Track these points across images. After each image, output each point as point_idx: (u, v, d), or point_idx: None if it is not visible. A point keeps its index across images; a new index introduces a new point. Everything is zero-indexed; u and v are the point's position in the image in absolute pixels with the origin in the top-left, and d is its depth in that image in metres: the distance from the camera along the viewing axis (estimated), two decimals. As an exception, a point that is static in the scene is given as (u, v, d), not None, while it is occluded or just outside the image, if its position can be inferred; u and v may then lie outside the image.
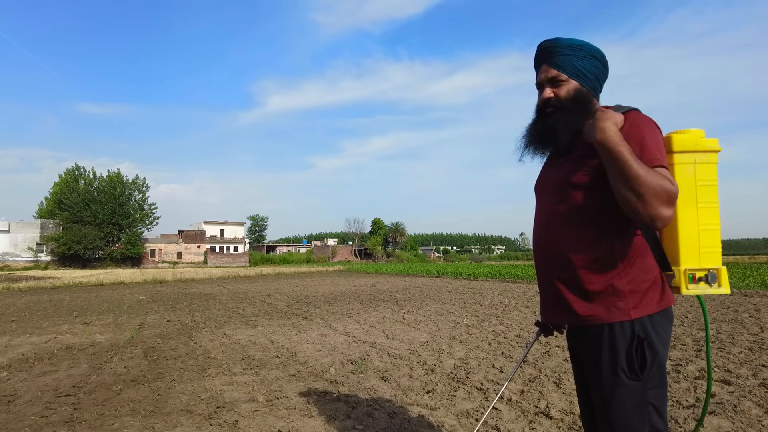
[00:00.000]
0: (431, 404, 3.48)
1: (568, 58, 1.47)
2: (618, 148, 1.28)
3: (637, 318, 1.36)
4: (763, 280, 13.80)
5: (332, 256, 73.65)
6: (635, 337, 1.35)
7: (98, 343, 6.19)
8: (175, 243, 64.56)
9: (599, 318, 1.39)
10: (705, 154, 1.46)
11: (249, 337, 6.43)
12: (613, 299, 1.38)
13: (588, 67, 1.48)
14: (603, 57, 1.51)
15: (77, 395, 3.85)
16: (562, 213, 1.47)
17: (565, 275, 1.46)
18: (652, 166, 1.31)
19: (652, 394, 1.35)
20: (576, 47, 1.48)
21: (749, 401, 3.37)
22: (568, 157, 1.50)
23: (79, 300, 12.66)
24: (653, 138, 1.37)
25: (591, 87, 1.50)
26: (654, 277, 1.41)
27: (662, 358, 1.37)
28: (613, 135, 1.29)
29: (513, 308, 9.37)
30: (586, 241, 1.42)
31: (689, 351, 5.02)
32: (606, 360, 1.38)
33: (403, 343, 5.85)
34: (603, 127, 1.31)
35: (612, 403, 1.37)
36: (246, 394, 3.82)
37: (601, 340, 1.39)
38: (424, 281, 20.07)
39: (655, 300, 1.39)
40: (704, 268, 1.43)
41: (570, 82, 1.48)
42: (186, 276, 25.99)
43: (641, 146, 1.33)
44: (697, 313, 7.96)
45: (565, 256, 1.45)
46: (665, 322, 1.40)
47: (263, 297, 12.93)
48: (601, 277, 1.39)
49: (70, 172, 57.82)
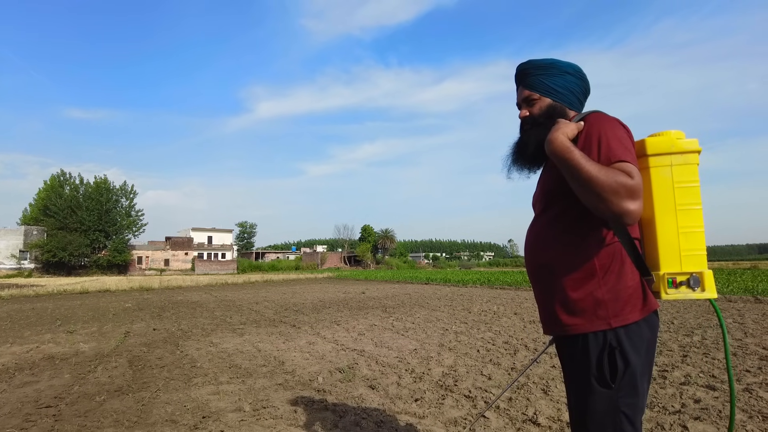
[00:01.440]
0: (419, 412, 3.47)
1: (538, 78, 1.56)
2: (566, 155, 1.30)
3: (616, 327, 1.36)
4: (747, 285, 14.00)
5: (321, 263, 73.34)
6: (607, 346, 1.36)
7: (82, 352, 6.08)
8: (163, 250, 63.85)
9: (581, 327, 1.40)
10: (682, 155, 1.43)
11: (236, 346, 6.37)
12: (594, 308, 1.38)
13: (560, 83, 1.55)
14: (577, 71, 1.57)
15: (59, 406, 3.77)
16: (543, 224, 1.52)
17: (549, 285, 1.48)
18: (612, 162, 1.31)
19: (624, 402, 1.34)
20: (547, 66, 1.56)
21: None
22: (546, 168, 1.56)
23: (63, 308, 12.45)
24: (612, 134, 1.37)
25: (565, 101, 1.55)
26: (635, 284, 1.40)
27: (635, 367, 1.36)
28: (560, 143, 1.32)
29: (502, 315, 9.39)
30: (564, 250, 1.44)
31: (675, 357, 5.07)
32: (579, 368, 1.40)
33: (392, 350, 5.83)
34: (550, 138, 1.35)
35: (584, 410, 1.38)
36: (232, 403, 3.78)
37: (576, 348, 1.41)
38: (414, 288, 20.06)
39: (638, 307, 1.39)
40: (686, 271, 1.40)
41: (543, 100, 1.56)
42: (173, 283, 25.72)
43: (599, 146, 1.35)
44: (683, 318, 8.04)
45: (548, 266, 1.48)
46: (645, 330, 1.39)
47: (251, 305, 12.83)
48: (581, 286, 1.40)
49: (56, 178, 57.00)
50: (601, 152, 1.33)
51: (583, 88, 1.58)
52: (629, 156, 1.33)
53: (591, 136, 1.38)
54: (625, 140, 1.38)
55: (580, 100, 1.59)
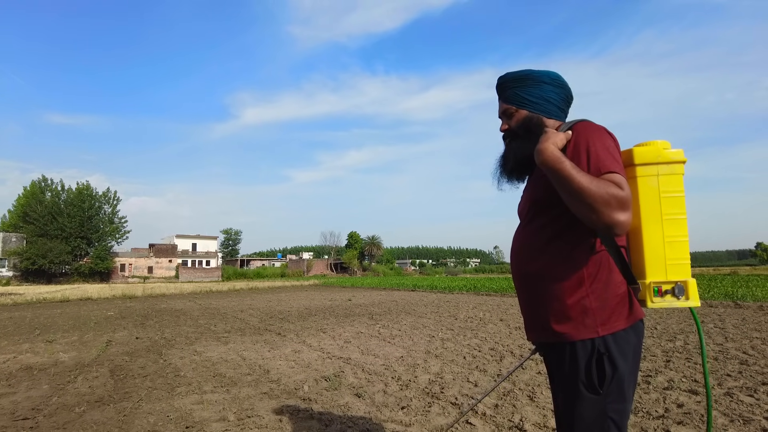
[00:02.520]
0: (405, 420, 3.45)
1: (513, 91, 1.59)
2: (557, 165, 1.30)
3: (604, 335, 1.36)
4: (727, 291, 14.26)
5: (307, 270, 72.91)
6: (595, 352, 1.36)
7: (61, 362, 5.95)
8: (146, 257, 62.93)
9: (569, 335, 1.40)
10: (668, 166, 1.44)
11: (220, 354, 6.28)
12: (581, 316, 1.39)
13: (535, 94, 1.56)
14: (554, 79, 1.57)
15: (36, 418, 3.68)
16: (531, 232, 1.52)
17: (537, 294, 1.49)
18: (601, 173, 1.31)
19: (611, 408, 1.35)
20: (521, 78, 1.58)
21: (715, 410, 3.45)
22: (532, 178, 1.57)
23: (42, 317, 12.17)
24: (601, 144, 1.37)
25: (543, 111, 1.56)
26: (622, 292, 1.41)
27: (623, 373, 1.37)
28: (550, 154, 1.32)
29: (488, 321, 9.42)
30: (552, 260, 1.44)
31: (659, 362, 5.13)
32: (567, 374, 1.41)
33: (378, 358, 5.81)
34: (540, 149, 1.35)
35: (572, 416, 1.39)
36: (216, 413, 3.72)
37: (565, 354, 1.41)
38: (400, 295, 20.04)
39: (624, 315, 1.40)
40: (671, 280, 1.41)
41: (519, 112, 1.58)
42: (157, 291, 25.35)
43: (588, 156, 1.36)
44: (665, 324, 8.15)
45: (536, 275, 1.48)
46: (632, 336, 1.41)
47: (236, 312, 12.69)
48: (569, 294, 1.40)
49: (36, 184, 55.93)
50: (591, 162, 1.34)
51: (563, 96, 1.59)
52: (618, 166, 1.34)
53: (579, 145, 1.38)
54: (613, 150, 1.38)
55: (561, 107, 1.59)
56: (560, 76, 1.59)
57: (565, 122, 1.54)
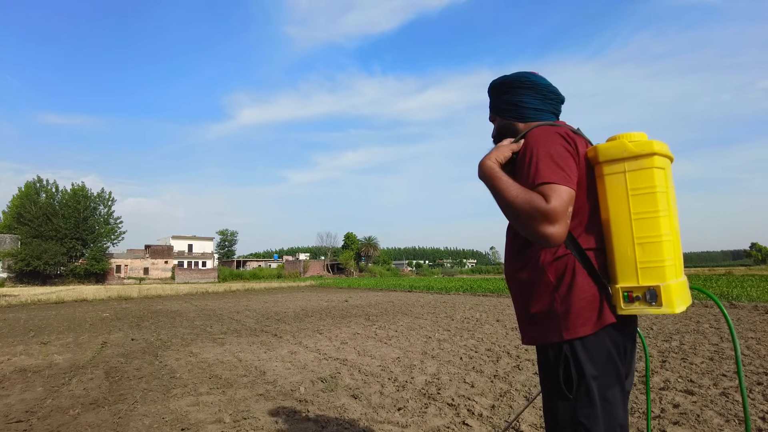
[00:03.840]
0: (402, 422, 3.45)
1: (492, 100, 1.64)
2: (491, 181, 1.34)
3: (569, 339, 1.34)
4: (722, 291, 14.31)
5: (304, 271, 72.80)
6: (562, 356, 1.35)
7: (56, 364, 5.91)
8: (142, 258, 62.68)
9: (540, 338, 1.42)
10: (636, 161, 1.31)
11: (216, 356, 6.26)
12: (549, 320, 1.39)
13: (506, 101, 1.58)
14: (526, 81, 1.54)
15: (30, 421, 3.65)
16: (509, 237, 1.55)
17: (516, 298, 1.52)
18: (535, 184, 1.28)
19: (582, 413, 1.32)
20: (497, 86, 1.61)
21: (711, 410, 3.46)
22: None
23: (36, 319, 12.11)
24: (544, 152, 1.33)
25: (514, 116, 1.57)
26: (590, 295, 1.35)
27: (591, 378, 1.32)
28: (486, 168, 1.37)
29: (484, 322, 9.43)
30: (523, 264, 1.47)
31: (654, 362, 5.14)
32: (544, 377, 1.43)
33: (375, 359, 5.80)
34: (480, 163, 1.40)
35: (548, 419, 1.41)
36: (212, 414, 3.70)
37: (541, 358, 1.44)
38: (397, 296, 20.03)
39: (591, 320, 1.34)
40: (642, 285, 1.30)
41: (497, 120, 1.62)
42: (152, 292, 25.25)
43: (529, 166, 1.33)
44: (661, 324, 8.18)
45: (513, 280, 1.52)
46: (603, 341, 1.34)
47: (232, 314, 12.65)
48: (539, 299, 1.41)
49: (31, 185, 55.63)
50: (530, 173, 1.31)
51: (537, 96, 1.54)
52: (557, 175, 1.28)
53: (525, 155, 1.37)
54: (558, 157, 1.32)
55: (536, 108, 1.54)
56: (530, 76, 1.54)
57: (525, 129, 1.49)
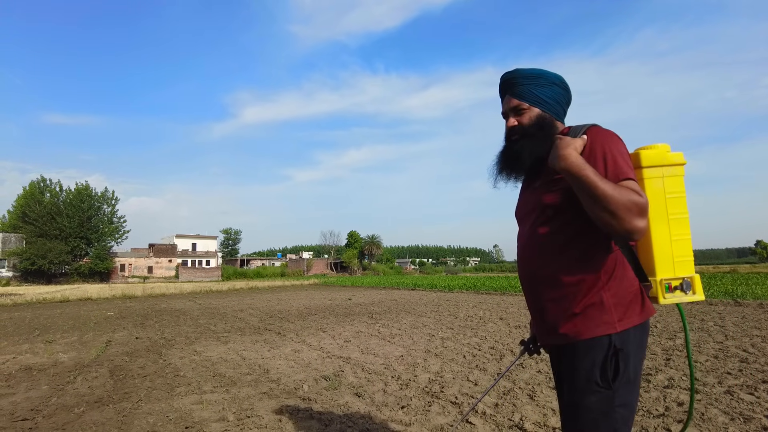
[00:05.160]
0: (405, 420, 3.45)
1: (528, 88, 1.56)
2: (581, 172, 1.31)
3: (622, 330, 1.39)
4: (727, 289, 14.26)
5: (307, 269, 72.91)
6: (612, 347, 1.38)
7: (61, 362, 5.94)
8: (146, 257, 62.90)
9: (586, 333, 1.42)
10: (672, 168, 1.51)
11: (220, 354, 6.28)
12: (599, 314, 1.41)
13: (548, 94, 1.55)
14: (563, 83, 1.58)
15: (35, 419, 3.67)
16: (543, 235, 1.51)
17: (551, 297, 1.49)
18: (619, 179, 1.34)
19: (619, 402, 1.38)
20: (536, 76, 1.56)
21: (716, 409, 3.44)
22: (541, 180, 1.55)
23: (41, 317, 12.16)
24: (617, 150, 1.40)
25: (553, 112, 1.57)
26: (636, 289, 1.44)
27: (634, 367, 1.40)
28: (574, 161, 1.33)
29: (488, 320, 9.42)
30: (568, 261, 1.45)
31: (659, 360, 5.12)
32: (581, 369, 1.42)
33: (378, 357, 5.80)
34: (563, 154, 1.35)
35: (581, 409, 1.40)
36: (216, 413, 3.71)
37: (578, 352, 1.43)
38: (400, 294, 20.04)
39: (637, 311, 1.42)
40: (679, 276, 1.48)
41: (532, 110, 1.56)
42: (156, 291, 25.34)
43: (605, 162, 1.38)
44: (665, 322, 8.15)
45: (550, 278, 1.48)
46: (642, 333, 1.44)
47: (235, 312, 12.68)
48: (586, 294, 1.42)
49: (35, 185, 55.91)
50: (608, 169, 1.36)
51: (567, 99, 1.61)
52: (633, 173, 1.37)
53: (595, 152, 1.40)
54: (627, 156, 1.41)
55: (565, 110, 1.62)
56: (565, 80, 1.60)
57: (576, 126, 1.53)
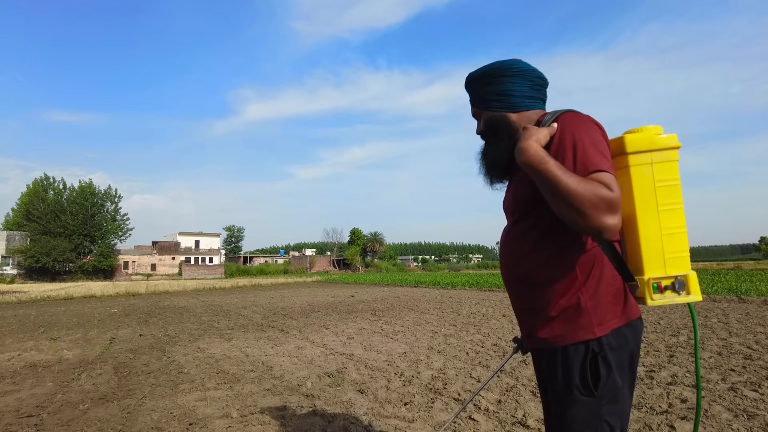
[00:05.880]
0: (408, 416, 3.45)
1: (477, 92, 1.51)
2: (541, 166, 1.20)
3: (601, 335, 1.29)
4: (731, 285, 14.21)
5: (310, 266, 73.04)
6: (590, 352, 1.29)
7: (65, 359, 5.97)
8: (149, 255, 63.12)
9: (564, 338, 1.32)
10: (663, 152, 1.34)
11: (223, 351, 6.30)
12: (575, 317, 1.31)
13: (495, 91, 1.46)
14: (516, 68, 1.45)
15: (40, 415, 3.69)
16: (518, 233, 1.43)
17: (528, 299, 1.41)
18: (589, 172, 1.21)
19: (606, 410, 1.28)
20: (480, 77, 1.49)
21: (719, 405, 3.44)
22: (515, 177, 1.47)
23: (46, 315, 12.23)
24: (589, 138, 1.27)
25: (505, 107, 1.45)
26: (616, 289, 1.33)
27: (618, 373, 1.29)
28: (533, 154, 1.22)
29: (490, 317, 9.42)
30: (542, 261, 1.36)
31: (662, 357, 5.11)
32: (561, 378, 1.33)
33: (381, 354, 5.81)
34: (522, 147, 1.24)
35: (566, 419, 1.32)
36: (220, 409, 3.73)
37: (557, 358, 1.34)
38: (403, 291, 20.05)
39: (618, 313, 1.32)
40: (670, 275, 1.31)
41: (483, 114, 1.50)
42: (160, 288, 25.44)
43: (575, 152, 1.25)
44: (669, 319, 8.14)
45: (526, 278, 1.40)
46: (627, 335, 1.33)
47: (239, 309, 12.72)
48: (562, 296, 1.33)
49: (39, 182, 56.22)
50: (577, 160, 1.23)
51: (526, 83, 1.46)
52: (607, 164, 1.23)
53: (565, 140, 1.27)
54: (601, 144, 1.27)
55: (528, 96, 1.46)
56: (518, 62, 1.47)
57: (549, 113, 1.40)
